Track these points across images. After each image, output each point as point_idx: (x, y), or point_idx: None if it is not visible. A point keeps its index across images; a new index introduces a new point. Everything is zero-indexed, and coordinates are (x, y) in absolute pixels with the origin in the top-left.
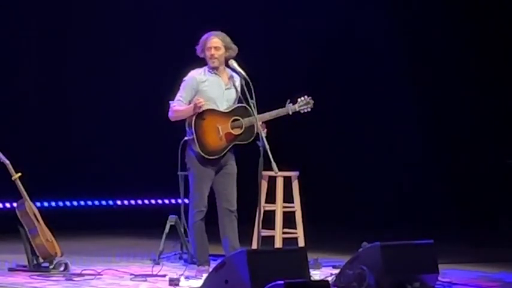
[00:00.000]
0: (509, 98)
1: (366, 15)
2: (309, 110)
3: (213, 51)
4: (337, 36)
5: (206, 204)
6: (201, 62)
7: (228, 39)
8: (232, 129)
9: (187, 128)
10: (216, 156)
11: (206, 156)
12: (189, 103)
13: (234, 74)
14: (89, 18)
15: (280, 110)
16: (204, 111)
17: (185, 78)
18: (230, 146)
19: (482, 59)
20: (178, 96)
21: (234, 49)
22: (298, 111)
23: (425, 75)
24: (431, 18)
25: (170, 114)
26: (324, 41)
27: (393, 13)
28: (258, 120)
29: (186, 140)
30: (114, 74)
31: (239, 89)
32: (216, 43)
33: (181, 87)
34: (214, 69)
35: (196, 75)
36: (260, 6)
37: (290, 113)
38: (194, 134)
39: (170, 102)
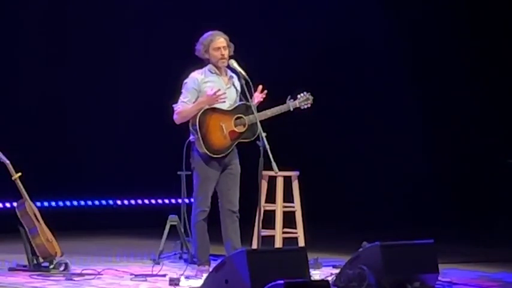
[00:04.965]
0: (509, 98)
1: (366, 14)
2: (309, 106)
3: (223, 51)
4: (337, 36)
5: (209, 205)
6: (201, 63)
7: (227, 37)
8: (235, 127)
9: (190, 128)
10: (221, 155)
11: (212, 155)
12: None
13: (232, 73)
14: (88, 18)
15: (282, 106)
16: (206, 110)
17: (186, 80)
18: (234, 144)
19: (484, 58)
20: (182, 99)
21: (232, 47)
22: (299, 107)
23: (425, 74)
24: (431, 18)
25: (175, 117)
26: (324, 40)
27: (393, 12)
28: (260, 118)
29: (190, 141)
30: (114, 74)
31: (238, 88)
32: (223, 43)
33: (183, 90)
34: (215, 69)
35: (197, 75)
36: (260, 6)
37: (291, 109)
38: (198, 134)
39: (173, 105)
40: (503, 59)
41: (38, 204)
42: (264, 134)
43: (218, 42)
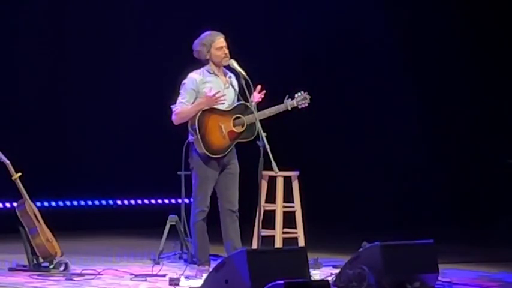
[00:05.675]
0: (509, 98)
1: (366, 14)
2: (307, 105)
3: (225, 50)
4: (336, 35)
5: (208, 205)
6: (199, 63)
7: (224, 35)
8: (234, 127)
9: (189, 128)
10: (221, 155)
11: (211, 156)
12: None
13: (230, 73)
14: (87, 19)
15: (279, 106)
16: (205, 110)
17: (185, 80)
18: (233, 144)
19: (483, 58)
20: (180, 99)
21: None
22: (296, 107)
23: (426, 75)
24: (432, 17)
25: (174, 117)
26: (323, 40)
27: (393, 11)
28: (259, 117)
29: (189, 141)
30: (113, 74)
31: (236, 88)
32: (223, 42)
33: (182, 90)
34: (214, 70)
35: (196, 76)
36: (259, 6)
37: (289, 108)
38: (198, 134)
39: (172, 106)
40: (503, 59)
41: (38, 204)
42: (264, 134)
43: (219, 42)
